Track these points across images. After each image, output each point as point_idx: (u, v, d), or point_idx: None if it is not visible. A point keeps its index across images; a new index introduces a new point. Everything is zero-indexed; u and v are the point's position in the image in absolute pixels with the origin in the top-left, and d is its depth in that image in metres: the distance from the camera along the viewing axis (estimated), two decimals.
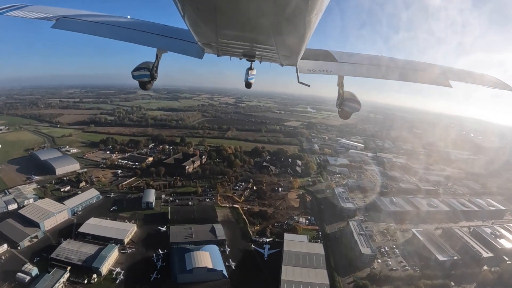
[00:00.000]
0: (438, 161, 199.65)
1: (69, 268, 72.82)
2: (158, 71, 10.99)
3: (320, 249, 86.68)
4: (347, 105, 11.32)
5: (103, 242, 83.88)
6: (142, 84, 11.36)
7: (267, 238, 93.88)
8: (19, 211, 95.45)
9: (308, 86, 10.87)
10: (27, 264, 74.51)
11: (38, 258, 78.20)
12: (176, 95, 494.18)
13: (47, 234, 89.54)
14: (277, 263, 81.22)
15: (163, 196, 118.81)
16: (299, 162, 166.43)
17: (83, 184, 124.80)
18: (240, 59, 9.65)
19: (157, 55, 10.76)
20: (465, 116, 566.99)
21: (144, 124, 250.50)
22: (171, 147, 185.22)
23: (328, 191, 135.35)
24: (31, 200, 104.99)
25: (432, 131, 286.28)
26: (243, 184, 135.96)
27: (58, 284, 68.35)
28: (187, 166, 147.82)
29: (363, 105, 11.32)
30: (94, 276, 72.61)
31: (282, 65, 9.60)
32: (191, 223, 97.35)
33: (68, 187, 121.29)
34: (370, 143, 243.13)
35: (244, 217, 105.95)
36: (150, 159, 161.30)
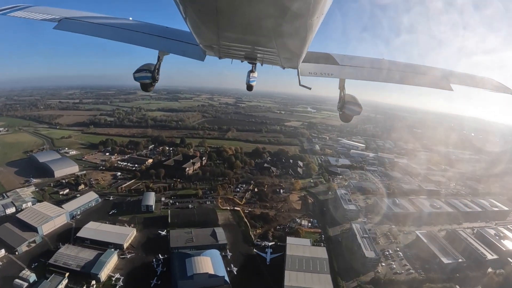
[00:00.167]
0: (440, 161, 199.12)
1: (68, 274, 71.65)
2: (160, 73, 11.00)
3: (324, 253, 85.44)
4: (348, 108, 11.29)
5: (102, 247, 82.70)
6: (144, 86, 11.42)
7: (269, 242, 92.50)
8: (17, 215, 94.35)
9: (310, 89, 10.94)
10: (25, 270, 73.43)
11: (36, 264, 77.04)
12: (176, 96, 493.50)
13: (45, 239, 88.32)
14: (280, 268, 79.90)
15: (163, 199, 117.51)
16: (301, 163, 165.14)
17: (82, 187, 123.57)
18: (242, 62, 9.60)
19: (159, 57, 10.78)
20: (466, 116, 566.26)
21: (144, 125, 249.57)
22: (171, 149, 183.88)
23: (330, 193, 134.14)
24: (29, 204, 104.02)
25: (433, 131, 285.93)
26: (244, 186, 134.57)
27: None
28: (187, 168, 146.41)
29: (364, 105, 11.29)
30: (93, 283, 71.39)
31: (284, 68, 9.46)
32: (192, 227, 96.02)
33: (67, 190, 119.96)
34: (371, 143, 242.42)
35: (246, 220, 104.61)
36: (150, 161, 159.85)
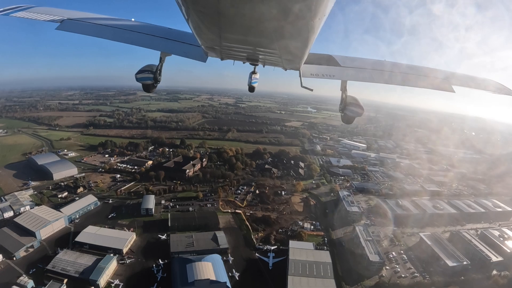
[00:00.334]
0: (441, 161, 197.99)
1: (66, 281, 70.32)
2: (162, 74, 11.02)
3: (327, 257, 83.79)
4: (350, 110, 11.26)
5: (101, 252, 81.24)
6: (146, 87, 11.39)
7: (272, 246, 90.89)
8: (15, 219, 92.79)
9: (311, 91, 10.83)
10: (23, 277, 72.03)
11: (34, 270, 75.54)
12: (176, 96, 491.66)
13: (44, 244, 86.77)
14: (283, 273, 78.54)
15: (163, 202, 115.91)
16: (302, 164, 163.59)
17: (81, 190, 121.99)
18: (244, 63, 9.56)
19: (161, 58, 10.77)
20: (467, 115, 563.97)
21: (144, 126, 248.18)
22: (171, 150, 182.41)
23: (333, 194, 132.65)
24: (27, 208, 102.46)
25: (434, 131, 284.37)
26: (245, 188, 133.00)
27: None
28: (188, 170, 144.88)
29: (364, 105, 11.21)
30: None
31: (286, 69, 9.37)
32: (192, 231, 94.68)
33: (66, 193, 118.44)
34: (373, 143, 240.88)
35: (247, 223, 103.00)
36: (150, 163, 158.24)
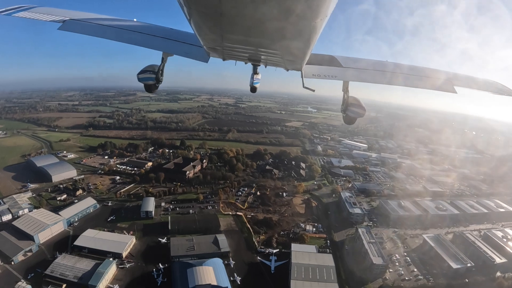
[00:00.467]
0: (443, 161, 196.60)
1: (64, 286, 69.41)
2: (164, 74, 10.98)
3: (330, 261, 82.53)
4: (352, 111, 11.20)
5: (100, 256, 79.98)
6: (148, 87, 11.34)
7: (273, 249, 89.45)
8: (13, 223, 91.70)
9: (313, 91, 10.78)
10: (21, 282, 70.98)
11: (33, 275, 74.49)
12: (176, 97, 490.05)
13: (42, 248, 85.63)
14: (285, 277, 77.33)
15: (163, 204, 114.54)
16: (303, 165, 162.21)
17: (80, 192, 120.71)
18: (246, 64, 9.54)
19: (163, 58, 10.74)
20: (468, 114, 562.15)
21: (144, 127, 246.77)
22: (171, 151, 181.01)
23: (334, 195, 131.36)
24: (26, 211, 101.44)
25: (436, 131, 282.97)
26: (246, 190, 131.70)
27: None
28: (188, 171, 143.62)
29: (365, 105, 11.17)
30: None
31: (287, 70, 9.30)
32: (193, 233, 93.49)
33: (65, 196, 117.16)
34: (374, 143, 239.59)
35: (248, 226, 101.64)
36: (149, 164, 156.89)
